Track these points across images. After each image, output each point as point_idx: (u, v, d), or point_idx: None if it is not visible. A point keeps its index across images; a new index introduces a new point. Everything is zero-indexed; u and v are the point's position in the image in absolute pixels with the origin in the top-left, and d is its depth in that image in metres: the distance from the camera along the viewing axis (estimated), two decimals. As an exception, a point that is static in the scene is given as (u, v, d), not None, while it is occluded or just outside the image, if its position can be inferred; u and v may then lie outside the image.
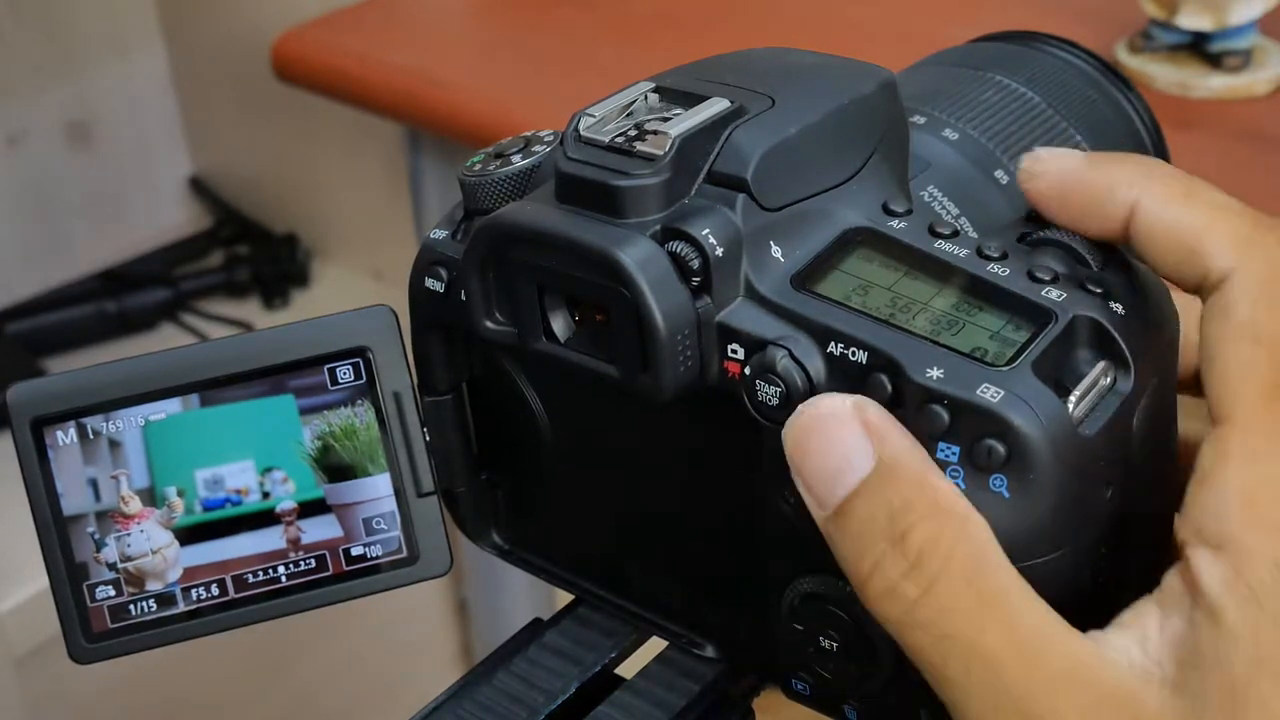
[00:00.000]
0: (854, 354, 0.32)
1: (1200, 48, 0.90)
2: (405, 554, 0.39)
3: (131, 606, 0.38)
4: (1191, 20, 0.88)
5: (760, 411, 0.33)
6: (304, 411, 0.38)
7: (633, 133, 0.34)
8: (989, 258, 0.33)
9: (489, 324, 0.36)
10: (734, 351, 0.33)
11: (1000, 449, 0.30)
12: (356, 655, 1.23)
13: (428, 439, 0.39)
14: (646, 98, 0.36)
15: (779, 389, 0.32)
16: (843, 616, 0.34)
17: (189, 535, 0.38)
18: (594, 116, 0.35)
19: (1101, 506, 0.32)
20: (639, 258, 0.32)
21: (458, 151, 1.04)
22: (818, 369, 0.32)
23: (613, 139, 0.34)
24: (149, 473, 0.38)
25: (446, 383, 0.40)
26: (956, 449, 0.31)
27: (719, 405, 0.34)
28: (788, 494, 0.33)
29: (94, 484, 0.37)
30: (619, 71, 0.66)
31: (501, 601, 1.20)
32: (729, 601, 0.38)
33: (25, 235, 1.25)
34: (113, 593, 0.38)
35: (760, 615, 0.36)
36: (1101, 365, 0.32)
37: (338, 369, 0.38)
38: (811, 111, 0.35)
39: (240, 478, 0.38)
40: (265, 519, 0.38)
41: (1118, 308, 0.32)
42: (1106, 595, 0.32)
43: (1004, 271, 0.33)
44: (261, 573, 0.38)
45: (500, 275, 0.35)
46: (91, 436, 0.37)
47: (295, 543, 0.38)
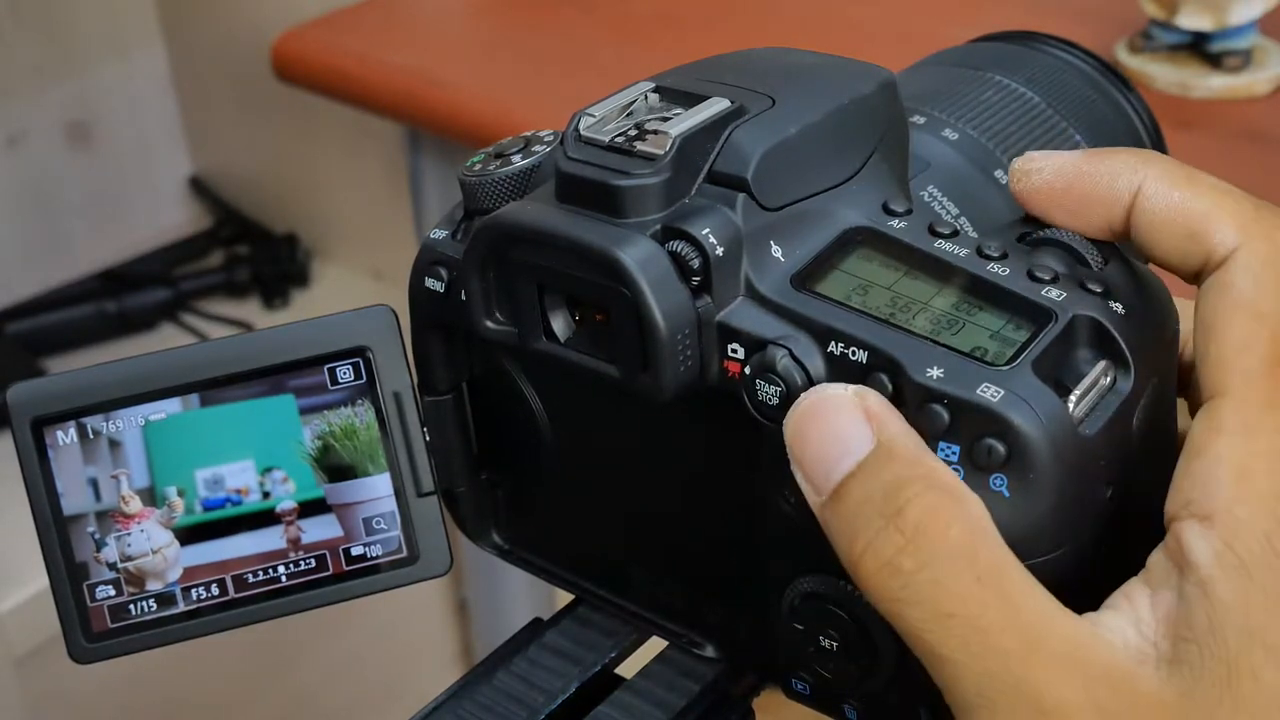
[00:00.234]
0: (854, 354, 0.32)
1: (1200, 48, 0.90)
2: (405, 554, 0.39)
3: (131, 606, 0.38)
4: (1191, 20, 0.88)
5: (760, 411, 0.33)
6: (304, 411, 0.38)
7: (633, 132, 0.34)
8: (989, 257, 0.33)
9: (489, 324, 0.36)
10: (734, 351, 0.33)
11: (1000, 448, 0.30)
12: (356, 655, 1.23)
13: (428, 439, 0.39)
14: (647, 97, 0.36)
15: (779, 388, 0.32)
16: (843, 616, 0.34)
17: (189, 535, 0.38)
18: (594, 116, 0.35)
19: (1101, 506, 0.32)
20: (639, 257, 0.32)
21: (458, 151, 1.04)
22: (818, 369, 0.32)
23: (613, 139, 0.34)
24: (149, 472, 0.38)
25: (446, 382, 0.40)
26: (957, 448, 0.31)
27: (719, 405, 0.34)
28: (788, 493, 0.34)
29: (94, 484, 0.37)
30: (619, 71, 0.66)
31: (501, 601, 1.20)
32: (729, 601, 0.38)
33: (25, 235, 1.25)
34: (113, 592, 0.38)
35: (760, 615, 0.36)
36: (1101, 365, 0.32)
37: (338, 369, 0.38)
38: (812, 111, 0.35)
39: (240, 477, 0.38)
40: (265, 519, 0.38)
41: (1118, 307, 0.32)
42: (1106, 594, 0.32)
43: (1004, 271, 0.33)
44: (261, 572, 0.38)
45: (500, 275, 0.35)
46: (91, 436, 0.37)
47: (295, 542, 0.38)
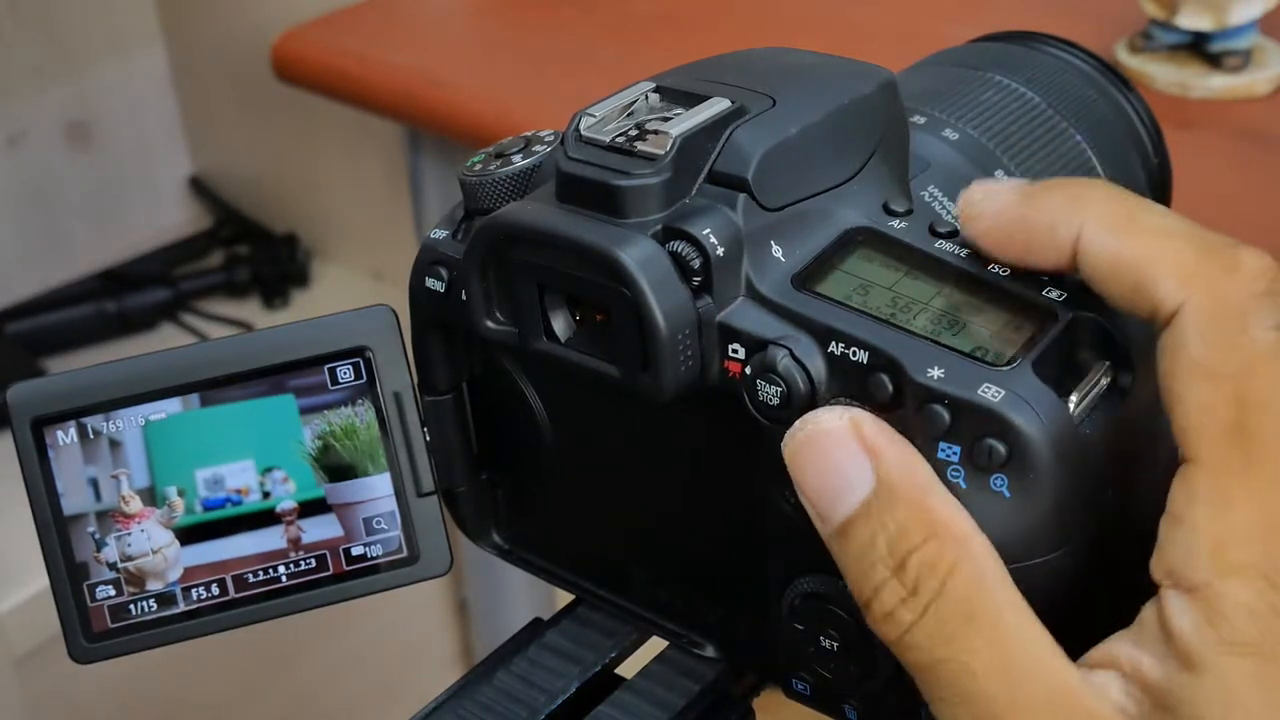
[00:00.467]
0: (855, 354, 0.32)
1: (1200, 48, 0.90)
2: (405, 554, 0.39)
3: (132, 606, 0.38)
4: (1191, 20, 0.88)
5: (761, 411, 0.33)
6: (304, 411, 0.38)
7: (633, 132, 0.34)
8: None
9: (489, 324, 0.36)
10: (735, 351, 0.33)
11: (1001, 449, 0.30)
12: (356, 655, 1.23)
13: (428, 439, 0.39)
14: (647, 97, 0.36)
15: (780, 389, 0.32)
16: (843, 616, 0.34)
17: (189, 535, 0.38)
18: (595, 116, 0.35)
19: (1102, 506, 0.32)
20: (640, 257, 0.32)
21: (458, 151, 1.04)
22: (818, 369, 0.32)
23: (613, 139, 0.34)
24: (149, 472, 0.38)
25: (447, 382, 0.40)
26: (957, 449, 0.31)
27: (720, 405, 0.34)
28: (788, 494, 0.34)
29: (94, 484, 0.37)
30: (619, 71, 0.66)
31: (501, 601, 1.20)
32: (729, 601, 0.38)
33: (25, 235, 1.25)
34: (113, 592, 0.38)
35: (760, 615, 0.36)
36: (1102, 365, 0.32)
37: (338, 369, 0.38)
38: (812, 111, 0.35)
39: (240, 477, 0.38)
40: (265, 519, 0.38)
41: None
42: (1107, 595, 0.32)
43: (1004, 271, 0.33)
44: (262, 572, 0.38)
45: (501, 275, 0.35)
46: (92, 436, 0.37)
47: (295, 542, 0.38)
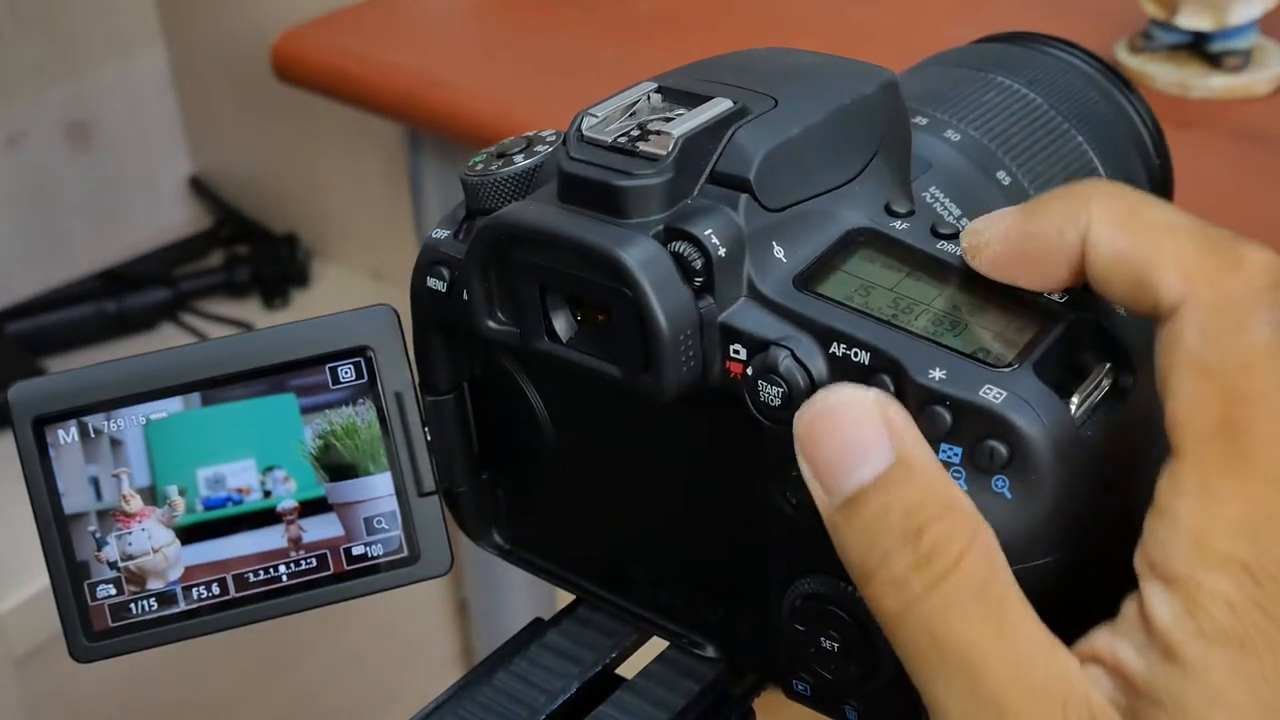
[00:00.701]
0: (856, 355, 0.32)
1: (1200, 48, 0.90)
2: (406, 554, 0.39)
3: (132, 605, 0.38)
4: (1191, 20, 0.88)
5: (762, 412, 0.33)
6: (305, 410, 0.38)
7: (635, 133, 0.34)
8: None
9: (491, 324, 0.36)
10: (736, 352, 0.33)
11: (1002, 450, 0.30)
12: (356, 655, 1.23)
13: (429, 438, 0.39)
14: (649, 98, 0.36)
15: (781, 389, 0.32)
16: (844, 617, 0.34)
17: (190, 534, 0.38)
18: (597, 116, 0.35)
19: (1103, 508, 0.32)
20: (641, 258, 0.32)
21: (458, 151, 1.04)
22: (820, 370, 0.32)
23: (615, 139, 0.34)
24: (150, 471, 0.38)
25: (448, 382, 0.40)
26: (959, 450, 0.31)
27: (721, 405, 0.34)
28: (789, 494, 0.34)
29: (95, 483, 0.37)
30: (620, 71, 0.66)
31: (501, 601, 1.20)
32: (729, 601, 0.38)
33: (25, 235, 1.25)
34: (113, 591, 0.38)
35: (761, 615, 0.36)
36: (1103, 366, 0.32)
37: (339, 368, 0.38)
38: (814, 112, 0.35)
39: (241, 476, 0.38)
40: (266, 518, 0.38)
41: (1119, 308, 0.32)
42: (1107, 596, 0.32)
43: (1006, 272, 0.33)
44: (262, 572, 0.38)
45: (502, 275, 0.35)
46: (93, 435, 0.37)
47: (296, 542, 0.38)
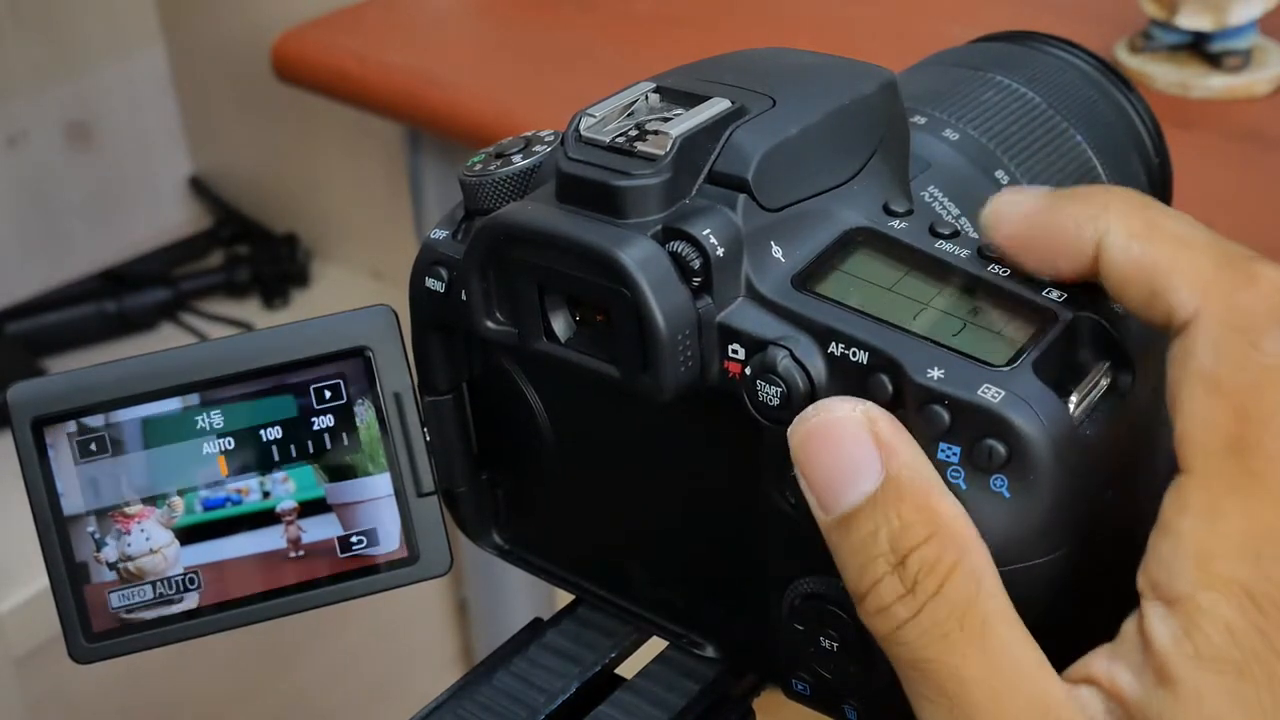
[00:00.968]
0: (855, 354, 0.32)
1: (1200, 48, 0.90)
2: (405, 554, 0.39)
3: (132, 606, 0.38)
4: (1191, 20, 0.88)
5: (761, 412, 0.33)
6: (305, 410, 0.38)
7: (633, 133, 0.34)
8: (990, 258, 0.33)
9: (489, 324, 0.36)
10: (735, 352, 0.33)
11: (1001, 449, 0.30)
12: (356, 655, 1.23)
13: (428, 439, 0.39)
14: (647, 98, 0.36)
15: (780, 389, 0.32)
16: (843, 616, 0.34)
17: (189, 535, 0.38)
18: (595, 116, 0.35)
19: (1102, 507, 0.32)
20: (640, 258, 0.32)
21: (458, 151, 1.04)
22: (819, 369, 0.32)
23: (613, 139, 0.34)
24: (149, 472, 0.37)
25: (447, 382, 0.40)
26: (957, 449, 0.31)
27: (720, 405, 0.34)
28: (788, 494, 0.34)
29: (94, 483, 0.37)
30: (619, 71, 0.66)
31: (501, 601, 1.20)
32: (729, 601, 0.38)
33: (25, 235, 1.25)
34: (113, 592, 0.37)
35: (760, 615, 0.36)
36: (1102, 365, 0.32)
37: (338, 370, 0.38)
38: (812, 112, 0.35)
39: (241, 477, 0.38)
40: (266, 518, 0.38)
41: (1118, 308, 0.32)
42: (1106, 596, 0.32)
43: (1005, 272, 0.33)
44: (262, 572, 0.38)
45: (501, 275, 0.35)
46: (92, 436, 0.37)
47: (296, 542, 0.38)
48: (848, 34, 1.01)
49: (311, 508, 0.38)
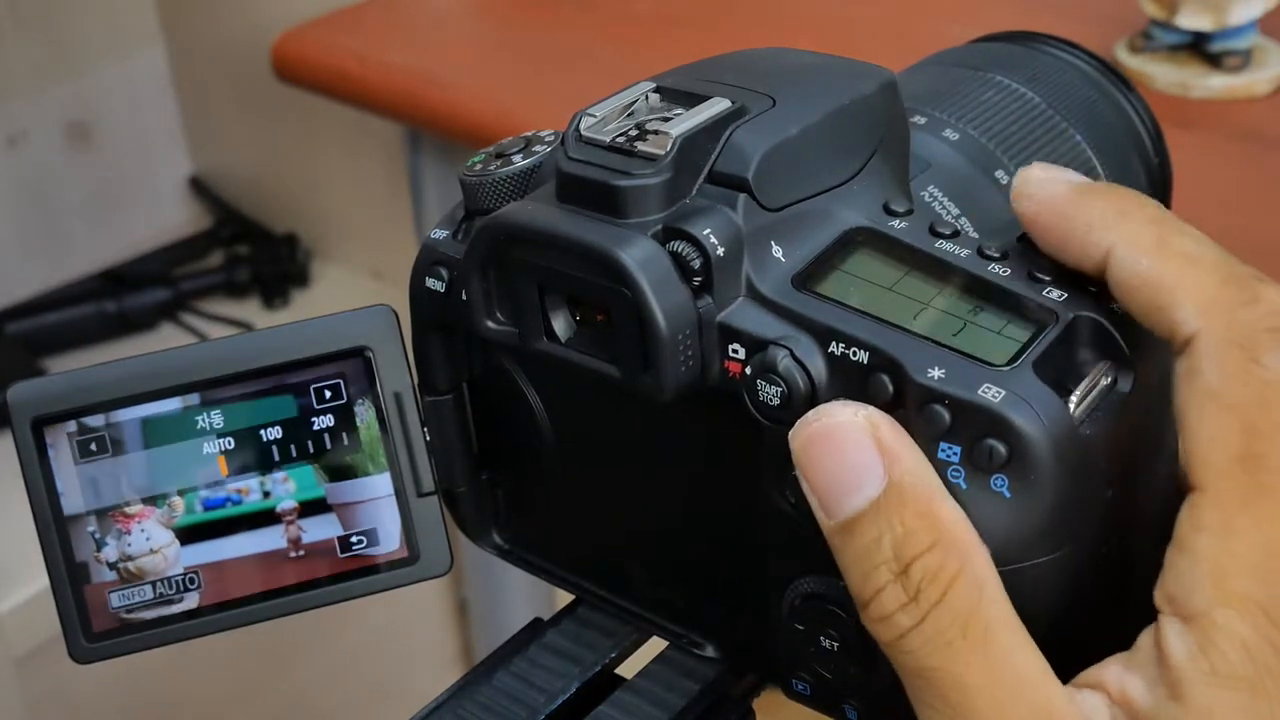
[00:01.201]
0: (855, 354, 0.32)
1: (1200, 48, 0.90)
2: (405, 554, 0.39)
3: (132, 606, 0.38)
4: (1191, 20, 0.88)
5: (761, 411, 0.33)
6: (304, 410, 0.38)
7: (634, 132, 0.34)
8: (990, 258, 0.33)
9: (490, 324, 0.36)
10: (735, 351, 0.33)
11: (1001, 449, 0.30)
12: (356, 655, 1.23)
13: (428, 439, 0.39)
14: (647, 98, 0.36)
15: (780, 389, 0.32)
16: (843, 616, 0.34)
17: (189, 534, 0.38)
18: (595, 116, 0.35)
19: (1102, 506, 0.32)
20: (640, 258, 0.32)
21: (458, 151, 1.04)
22: (819, 369, 0.32)
23: (614, 139, 0.34)
24: (149, 472, 0.37)
25: (447, 382, 0.40)
26: (958, 449, 0.31)
27: (720, 405, 0.34)
28: (789, 494, 0.34)
29: (94, 483, 0.37)
30: (619, 71, 0.66)
31: (501, 601, 1.20)
32: (729, 601, 0.38)
33: (25, 235, 1.25)
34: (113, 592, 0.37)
35: (761, 615, 0.36)
36: (1102, 365, 0.32)
37: (337, 370, 0.38)
38: (812, 112, 0.35)
39: (241, 477, 0.38)
40: (266, 518, 0.38)
41: (1118, 307, 0.32)
42: (1106, 596, 0.32)
43: (1005, 271, 0.33)
44: (262, 572, 0.38)
45: (501, 275, 0.35)
46: (92, 436, 0.37)
47: (296, 542, 0.38)
48: (848, 34, 1.01)
49: (312, 508, 0.38)
